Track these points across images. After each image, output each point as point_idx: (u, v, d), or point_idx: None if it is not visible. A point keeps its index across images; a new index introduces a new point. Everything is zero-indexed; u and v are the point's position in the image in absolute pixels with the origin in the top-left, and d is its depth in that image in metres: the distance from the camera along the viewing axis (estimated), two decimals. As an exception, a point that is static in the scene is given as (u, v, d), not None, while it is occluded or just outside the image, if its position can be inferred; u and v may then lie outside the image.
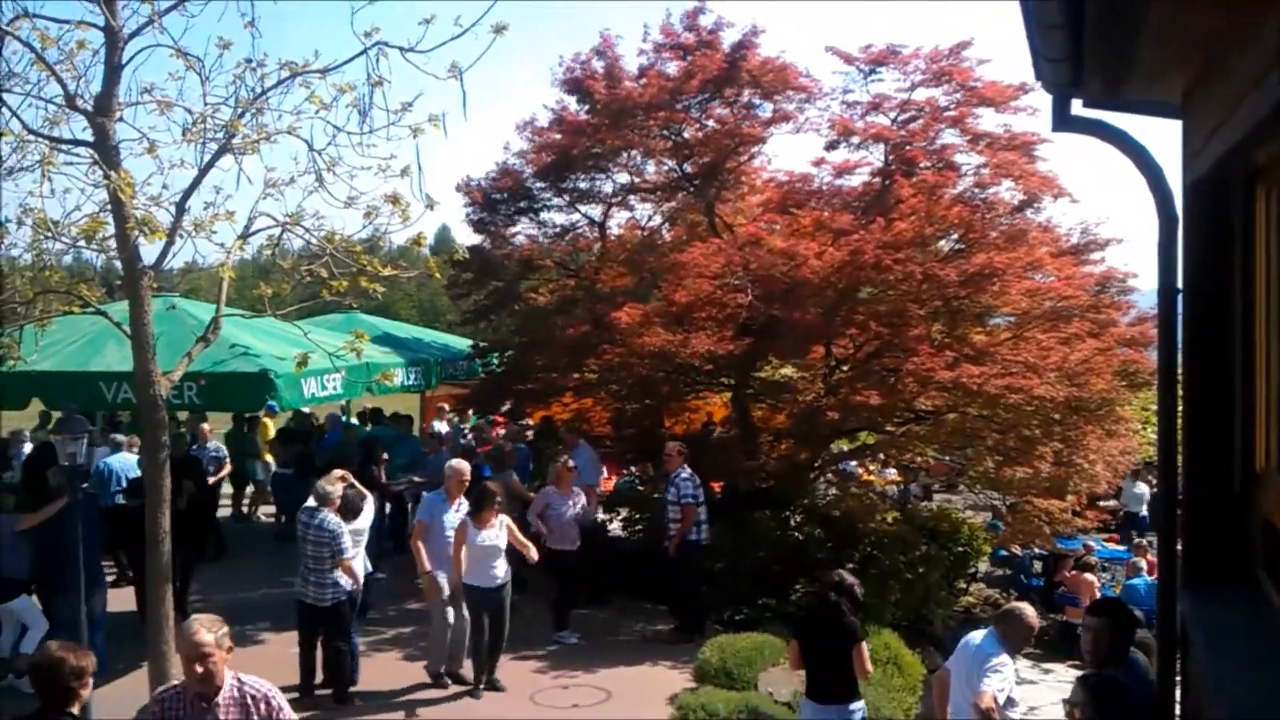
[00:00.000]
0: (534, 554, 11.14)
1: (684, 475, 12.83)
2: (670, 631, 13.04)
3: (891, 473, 18.98)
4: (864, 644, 8.44)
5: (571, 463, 12.60)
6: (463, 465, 11.42)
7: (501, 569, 10.94)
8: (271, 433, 19.22)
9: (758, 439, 15.38)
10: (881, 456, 16.51)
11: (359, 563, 10.86)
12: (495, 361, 17.06)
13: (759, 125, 15.90)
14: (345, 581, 10.49)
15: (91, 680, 5.56)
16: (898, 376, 13.28)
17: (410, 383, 14.85)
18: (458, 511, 11.04)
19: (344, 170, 9.35)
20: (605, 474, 16.91)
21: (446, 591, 11.05)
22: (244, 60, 9.04)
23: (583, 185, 17.00)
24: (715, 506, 13.32)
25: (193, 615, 5.95)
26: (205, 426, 17.47)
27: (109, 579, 14.42)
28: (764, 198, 16.40)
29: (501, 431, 18.02)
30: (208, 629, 5.59)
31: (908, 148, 14.80)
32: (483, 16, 8.40)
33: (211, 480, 16.26)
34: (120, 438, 15.55)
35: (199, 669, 5.53)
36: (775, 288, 13.78)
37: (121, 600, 12.54)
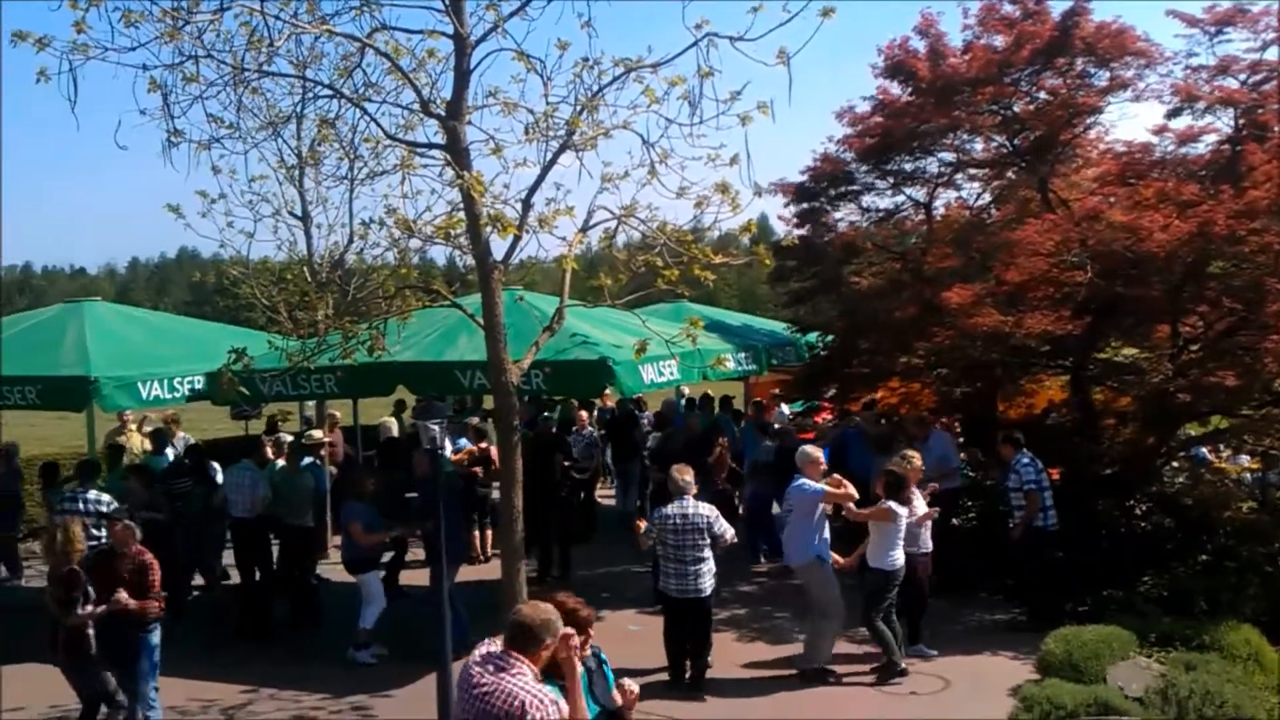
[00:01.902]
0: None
1: (1024, 461, 12.49)
2: (1019, 620, 12.69)
3: (1244, 459, 17.75)
4: None
5: (918, 461, 12.22)
6: (817, 452, 11.48)
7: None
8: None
9: (1099, 423, 14.73)
10: (1236, 442, 15.45)
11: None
12: (818, 344, 17.01)
13: (1094, 94, 15.19)
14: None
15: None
16: (1255, 356, 12.44)
17: (743, 369, 15.04)
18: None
19: (675, 161, 9.60)
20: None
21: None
22: (581, 59, 9.37)
23: (907, 167, 16.71)
24: (1054, 493, 12.85)
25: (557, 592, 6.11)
26: (583, 414, 18.39)
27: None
28: (1101, 170, 15.64)
29: (827, 417, 17.96)
30: (566, 596, 5.84)
31: (1259, 111, 13.81)
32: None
33: (587, 465, 17.57)
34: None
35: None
36: (1116, 264, 13.15)
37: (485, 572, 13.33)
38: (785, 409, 20.17)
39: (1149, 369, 13.94)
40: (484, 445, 15.20)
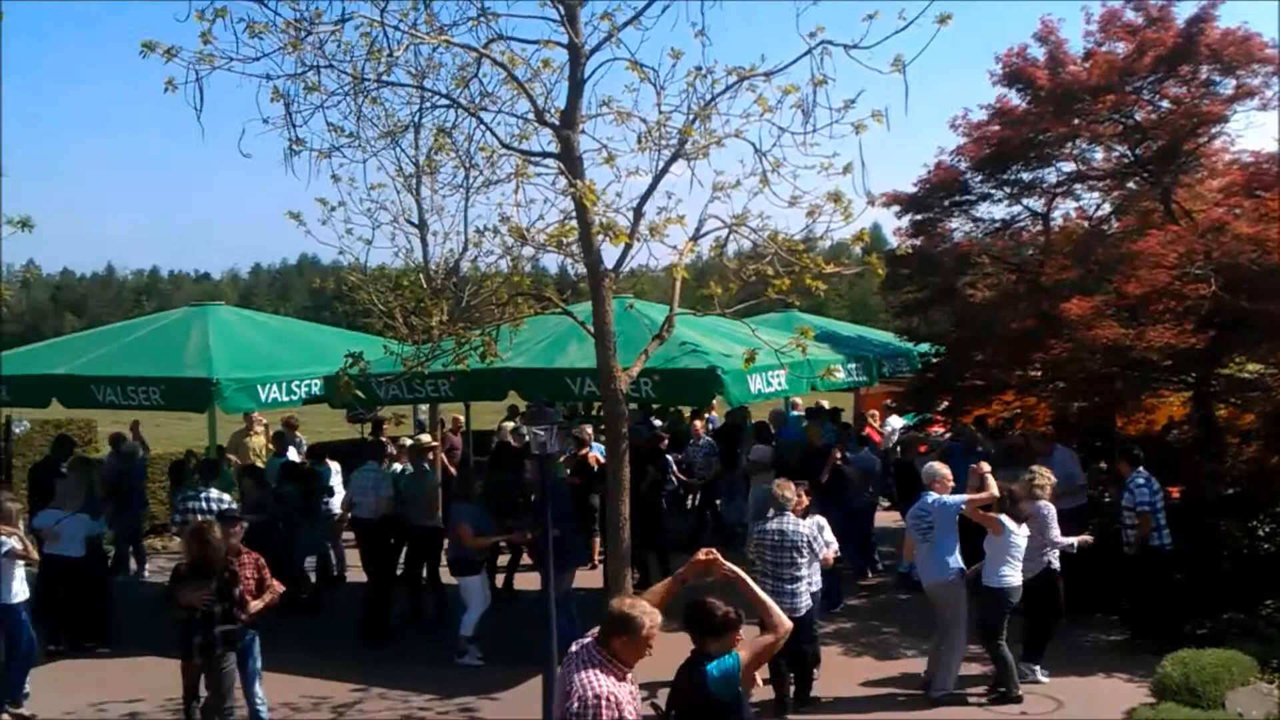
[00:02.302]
0: None
1: (1139, 480, 12.17)
2: (1134, 641, 12.39)
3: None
4: None
5: (1049, 479, 11.90)
6: (944, 468, 11.30)
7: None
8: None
9: (1221, 441, 14.33)
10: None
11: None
12: (930, 354, 16.80)
13: (1219, 103, 14.78)
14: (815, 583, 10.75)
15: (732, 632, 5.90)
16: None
17: (853, 379, 14.92)
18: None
19: (787, 170, 9.61)
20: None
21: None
22: (695, 68, 9.44)
23: (1024, 176, 16.41)
24: (1174, 512, 12.51)
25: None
26: (698, 424, 18.48)
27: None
28: (1226, 181, 15.18)
29: (939, 430, 17.73)
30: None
31: (1395, 120, 13.33)
32: (928, 5, 8.38)
33: (705, 474, 17.77)
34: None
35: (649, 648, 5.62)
36: (1241, 277, 12.78)
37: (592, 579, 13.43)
38: (898, 421, 19.95)
39: (1274, 386, 13.48)
40: (584, 451, 15.29)
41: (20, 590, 10.72)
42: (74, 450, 16.45)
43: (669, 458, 17.02)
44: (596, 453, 14.81)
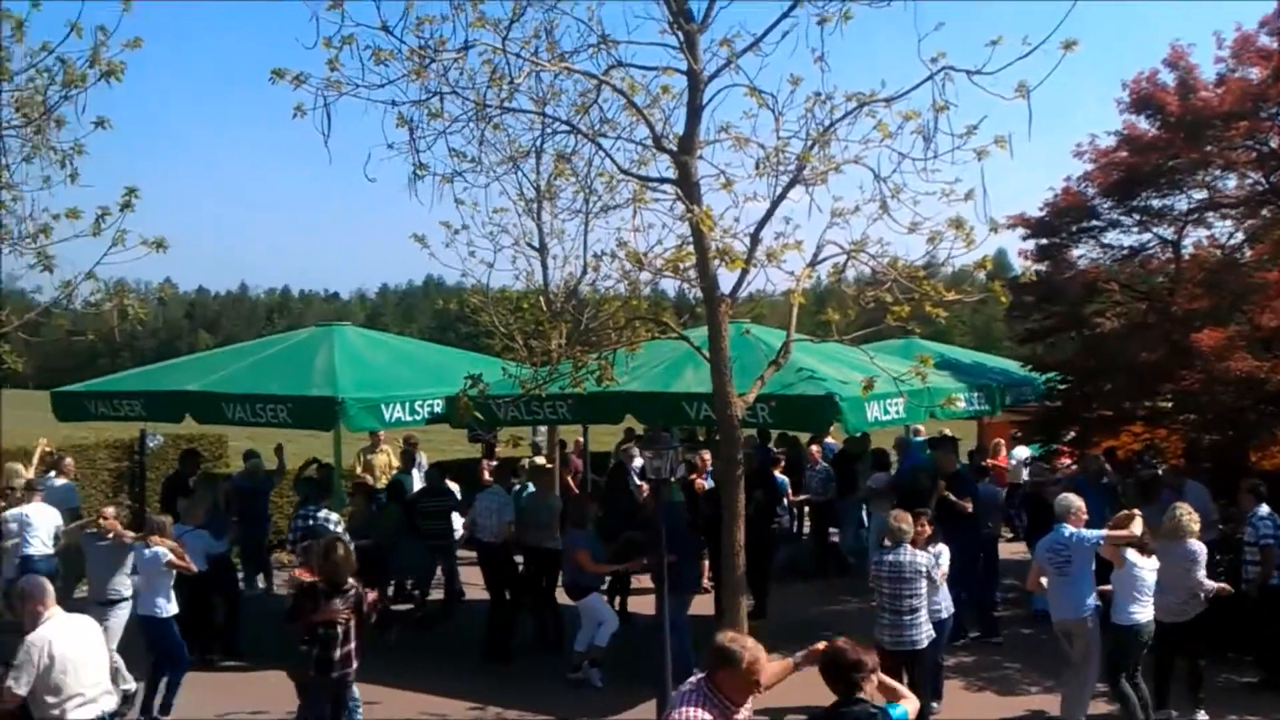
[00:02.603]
0: None
1: (1262, 514, 11.75)
2: (1269, 682, 11.94)
3: None
4: None
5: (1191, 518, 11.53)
6: (1078, 500, 11.00)
7: None
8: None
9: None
10: None
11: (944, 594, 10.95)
12: (1056, 384, 16.44)
13: (1358, 129, 14.30)
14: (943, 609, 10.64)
15: (874, 675, 5.61)
16: None
17: (975, 408, 14.68)
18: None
19: (907, 196, 9.54)
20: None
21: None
22: (813, 94, 9.45)
23: (1154, 203, 16.02)
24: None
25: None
26: (814, 449, 18.44)
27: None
28: (1367, 210, 14.68)
29: (1066, 462, 17.30)
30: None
31: None
32: (1053, 31, 8.28)
33: (823, 498, 17.81)
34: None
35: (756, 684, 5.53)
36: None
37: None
38: (1024, 451, 19.54)
39: None
40: (693, 477, 15.28)
41: (172, 604, 11.10)
42: (200, 465, 16.97)
43: (782, 479, 16.89)
44: (704, 481, 14.84)
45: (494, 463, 16.86)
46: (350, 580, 9.35)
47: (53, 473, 15.41)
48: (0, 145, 10.05)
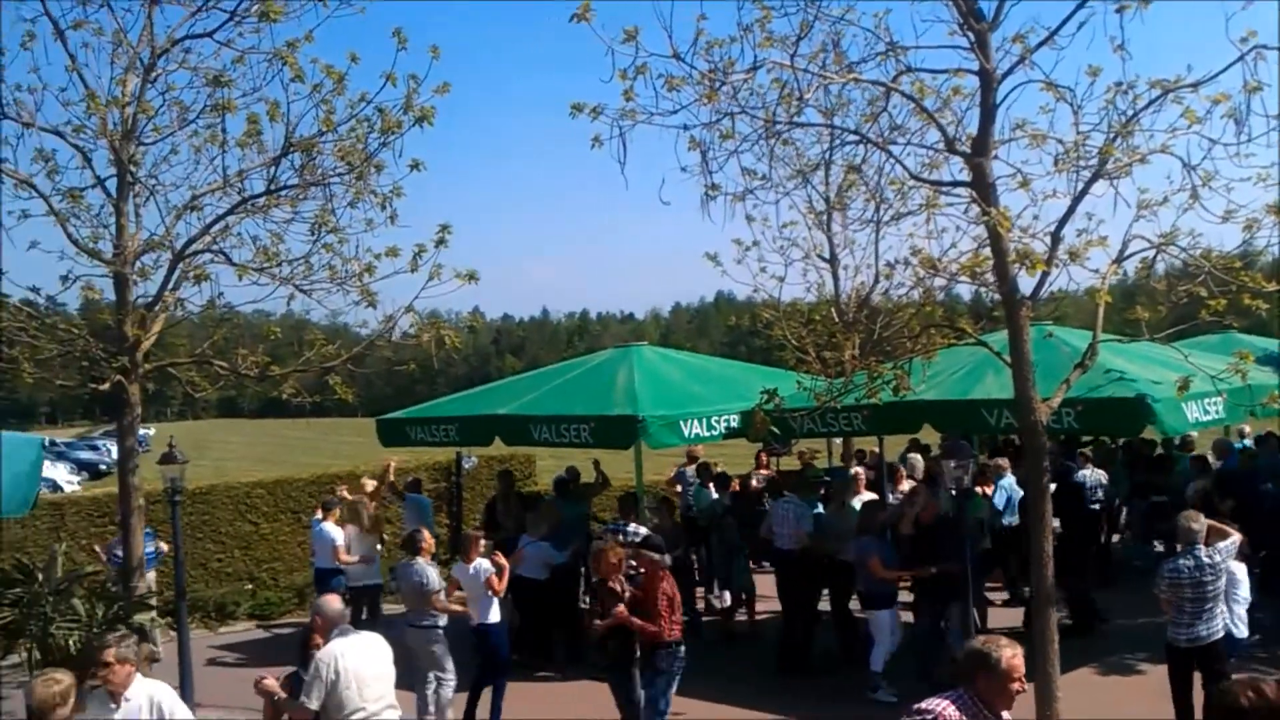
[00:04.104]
0: None
1: None
2: None
3: None
4: None
5: None
6: None
7: None
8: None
9: None
10: None
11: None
12: None
13: None
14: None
15: None
16: None
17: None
18: None
19: (1219, 184, 9.06)
20: None
21: None
22: (1114, 84, 9.10)
23: None
24: None
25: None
26: (1087, 452, 17.72)
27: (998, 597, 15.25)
28: None
29: None
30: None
31: None
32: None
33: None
34: (1003, 461, 16.42)
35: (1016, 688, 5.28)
36: None
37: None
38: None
39: None
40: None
41: (496, 614, 11.63)
42: (514, 484, 17.76)
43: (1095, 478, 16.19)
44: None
45: (763, 472, 16.98)
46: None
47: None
48: (327, 192, 10.86)
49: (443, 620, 11.40)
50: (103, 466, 52.75)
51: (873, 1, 9.44)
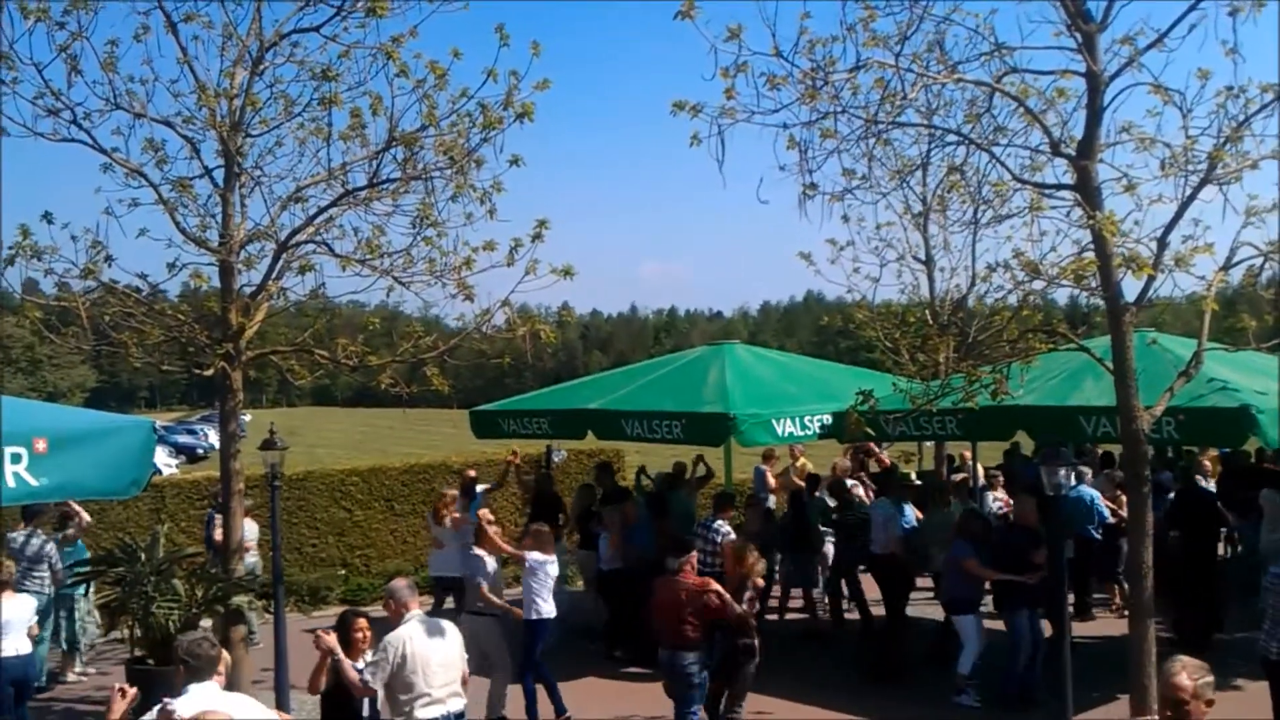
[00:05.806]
0: None
1: None
2: None
3: None
4: None
5: None
6: None
7: None
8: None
9: None
10: None
11: None
12: None
13: None
14: None
15: None
16: None
17: None
18: None
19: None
20: None
21: None
22: (1225, 88, 8.94)
23: None
24: None
25: (1177, 655, 5.51)
26: (1206, 462, 17.37)
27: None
28: None
29: None
30: (1188, 674, 5.23)
31: None
32: None
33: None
34: (1085, 470, 16.16)
35: (1168, 713, 5.24)
36: None
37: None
38: None
39: None
40: None
41: (549, 606, 11.58)
42: (614, 477, 17.93)
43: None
44: None
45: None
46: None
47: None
48: (429, 186, 11.02)
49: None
50: (200, 450, 54.03)
51: (978, 1, 9.37)
